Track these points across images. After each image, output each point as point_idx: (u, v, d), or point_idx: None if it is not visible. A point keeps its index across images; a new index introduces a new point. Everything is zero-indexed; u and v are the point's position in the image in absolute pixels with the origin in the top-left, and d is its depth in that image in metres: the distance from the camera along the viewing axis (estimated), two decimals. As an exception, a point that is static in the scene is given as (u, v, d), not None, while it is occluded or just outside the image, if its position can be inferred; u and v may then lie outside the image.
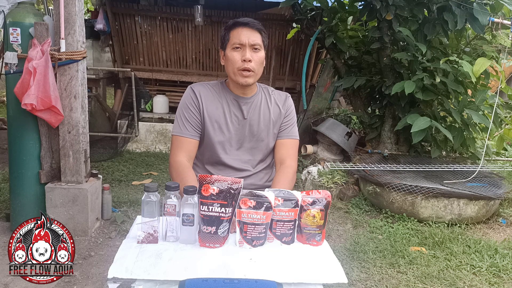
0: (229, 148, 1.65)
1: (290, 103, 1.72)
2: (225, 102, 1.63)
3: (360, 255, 2.61)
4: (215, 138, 1.62)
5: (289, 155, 1.68)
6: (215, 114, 1.61)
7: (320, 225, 1.27)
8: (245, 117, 1.63)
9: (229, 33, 1.55)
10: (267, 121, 1.66)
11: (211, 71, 5.49)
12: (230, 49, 1.55)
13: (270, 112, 1.66)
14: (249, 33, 1.53)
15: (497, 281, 2.36)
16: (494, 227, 3.21)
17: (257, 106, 1.65)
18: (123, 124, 4.97)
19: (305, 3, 4.23)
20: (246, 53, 1.52)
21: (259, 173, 1.71)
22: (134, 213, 3.02)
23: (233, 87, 1.63)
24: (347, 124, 4.85)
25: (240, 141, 1.66)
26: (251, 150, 1.67)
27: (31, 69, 2.28)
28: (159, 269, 1.07)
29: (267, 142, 1.68)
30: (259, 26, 1.56)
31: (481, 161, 3.67)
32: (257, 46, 1.54)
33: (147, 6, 5.11)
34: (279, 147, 1.70)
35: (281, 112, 1.68)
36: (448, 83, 3.53)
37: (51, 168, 2.62)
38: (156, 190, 1.21)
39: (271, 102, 1.68)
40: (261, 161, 1.71)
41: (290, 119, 1.71)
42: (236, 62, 1.53)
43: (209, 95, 1.63)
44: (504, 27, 3.54)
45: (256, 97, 1.66)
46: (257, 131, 1.65)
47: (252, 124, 1.64)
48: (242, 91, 1.63)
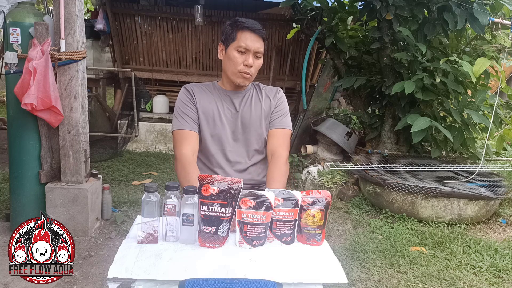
0: (224, 141, 1.69)
1: (281, 95, 1.77)
2: (218, 97, 1.69)
3: (360, 255, 2.61)
4: (210, 131, 1.68)
5: (279, 144, 1.70)
6: (208, 108, 1.67)
7: (320, 225, 1.27)
8: (237, 109, 1.69)
9: (236, 33, 1.59)
10: (259, 112, 1.70)
11: (211, 71, 5.49)
12: (234, 49, 1.59)
13: (261, 104, 1.72)
14: (256, 40, 1.59)
15: (497, 281, 2.36)
16: (494, 227, 3.21)
17: (248, 99, 1.71)
18: (123, 124, 4.97)
19: (305, 3, 4.23)
20: (249, 58, 1.59)
21: (256, 166, 1.74)
22: (134, 213, 3.02)
23: (227, 84, 1.70)
24: (347, 124, 4.84)
25: (234, 133, 1.70)
26: (246, 142, 1.71)
27: (31, 69, 2.28)
28: (159, 269, 1.07)
29: (260, 132, 1.72)
30: (264, 34, 1.62)
31: (481, 161, 3.66)
32: (259, 54, 1.61)
33: (147, 6, 5.11)
34: (270, 137, 1.73)
35: (271, 103, 1.73)
36: (448, 83, 3.53)
37: (51, 168, 2.62)
38: (156, 190, 1.21)
39: (262, 96, 1.74)
40: (256, 151, 1.74)
41: (281, 109, 1.74)
42: (238, 64, 1.60)
43: (202, 92, 1.70)
44: (504, 27, 3.54)
45: (248, 92, 1.73)
46: (249, 123, 1.70)
47: (244, 116, 1.69)
48: (234, 89, 1.70)
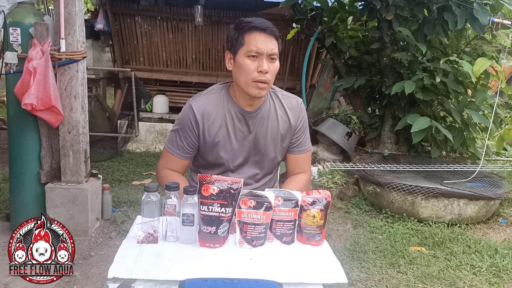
0: (233, 165, 1.54)
1: (301, 112, 1.56)
2: (229, 118, 1.48)
3: (360, 255, 2.60)
4: (218, 155, 1.52)
5: (303, 169, 1.60)
6: (217, 134, 1.48)
7: (320, 225, 1.27)
8: (251, 131, 1.50)
9: (243, 36, 1.37)
10: (275, 134, 1.52)
11: (211, 71, 5.49)
12: (244, 56, 1.37)
13: (278, 125, 1.52)
14: (267, 40, 1.37)
15: (497, 281, 2.36)
16: (494, 227, 3.21)
17: (264, 118, 1.50)
18: (123, 124, 4.97)
19: (305, 3, 4.23)
20: (264, 63, 1.36)
21: (264, 186, 1.62)
22: (134, 213, 3.02)
23: (240, 97, 1.46)
24: (347, 124, 4.85)
25: (244, 156, 1.54)
26: (256, 164, 1.57)
27: (31, 69, 2.28)
28: (159, 269, 1.07)
29: (274, 156, 1.57)
30: (277, 32, 1.40)
31: (481, 161, 3.66)
32: (274, 56, 1.38)
33: (147, 6, 5.10)
34: (292, 160, 1.60)
35: (290, 125, 1.53)
36: (448, 83, 3.53)
37: (51, 168, 2.62)
38: (156, 190, 1.21)
39: (280, 111, 1.52)
40: (266, 174, 1.62)
41: (302, 131, 1.57)
42: (251, 73, 1.37)
43: (211, 113, 1.47)
44: (504, 27, 3.54)
45: (264, 107, 1.50)
46: (263, 146, 1.53)
47: (258, 138, 1.51)
48: (249, 103, 1.46)
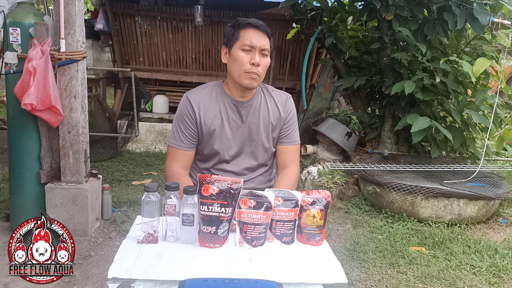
0: (228, 155, 1.62)
1: (290, 105, 1.67)
2: (223, 108, 1.58)
3: (360, 255, 2.60)
4: (214, 146, 1.60)
5: (291, 160, 1.66)
6: (212, 122, 1.58)
7: (320, 225, 1.27)
8: (244, 121, 1.60)
9: (239, 32, 1.50)
10: (266, 124, 1.62)
11: (211, 71, 5.49)
12: (239, 49, 1.49)
13: (269, 115, 1.62)
14: (260, 36, 1.49)
15: (497, 281, 2.36)
16: (494, 227, 3.21)
17: (256, 109, 1.61)
18: (123, 124, 4.97)
19: (305, 3, 4.23)
20: (256, 56, 1.48)
21: (260, 176, 1.70)
22: (134, 213, 3.02)
23: (233, 89, 1.58)
24: (347, 124, 4.85)
25: (239, 146, 1.62)
26: (251, 154, 1.65)
27: (31, 69, 2.28)
28: (159, 269, 1.07)
29: (268, 146, 1.65)
30: (269, 31, 1.53)
31: (481, 161, 3.66)
32: (265, 51, 1.50)
33: (147, 6, 5.11)
34: (281, 152, 1.67)
35: (281, 116, 1.63)
36: (448, 83, 3.53)
37: (51, 168, 2.62)
38: (156, 190, 1.21)
39: (270, 104, 1.63)
40: (261, 165, 1.69)
41: (291, 124, 1.66)
42: (244, 64, 1.49)
43: (206, 103, 1.58)
44: (504, 27, 3.54)
45: (255, 99, 1.61)
46: (256, 135, 1.62)
47: (251, 128, 1.61)
48: (241, 94, 1.58)
